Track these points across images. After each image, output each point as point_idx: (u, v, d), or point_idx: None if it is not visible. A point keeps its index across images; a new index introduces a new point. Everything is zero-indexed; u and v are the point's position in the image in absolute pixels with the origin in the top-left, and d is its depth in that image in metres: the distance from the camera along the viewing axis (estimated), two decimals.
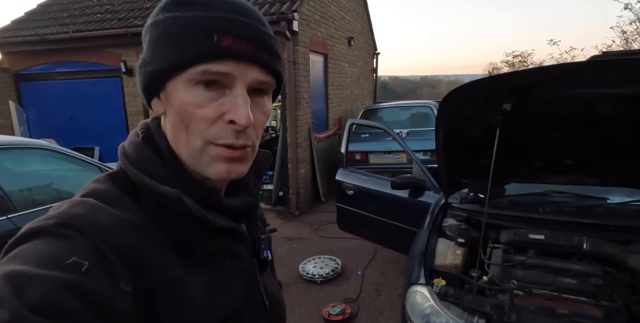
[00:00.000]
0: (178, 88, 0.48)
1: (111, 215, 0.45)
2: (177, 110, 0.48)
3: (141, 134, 0.53)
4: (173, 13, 0.47)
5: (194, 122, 0.48)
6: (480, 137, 2.04)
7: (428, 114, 6.62)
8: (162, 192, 0.48)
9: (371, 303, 3.06)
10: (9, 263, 0.38)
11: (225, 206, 0.54)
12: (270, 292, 0.64)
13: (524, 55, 14.59)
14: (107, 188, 0.49)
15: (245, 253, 0.59)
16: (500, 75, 2.00)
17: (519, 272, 1.81)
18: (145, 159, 0.51)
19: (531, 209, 2.15)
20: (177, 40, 0.47)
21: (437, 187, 2.87)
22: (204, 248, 0.52)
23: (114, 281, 0.41)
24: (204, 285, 0.50)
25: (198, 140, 0.49)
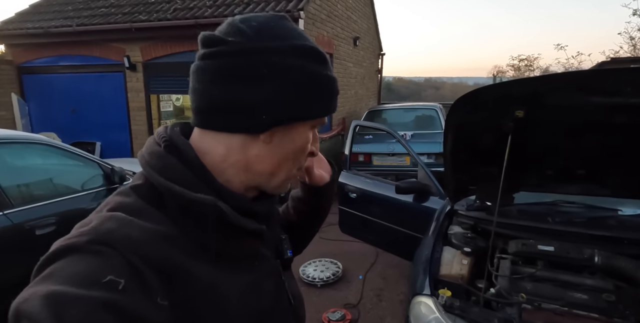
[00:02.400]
0: (305, 130, 0.57)
1: (142, 228, 0.46)
2: (299, 147, 0.57)
3: (162, 143, 0.54)
4: (316, 67, 0.55)
5: (303, 155, 0.59)
6: (491, 143, 1.98)
7: (433, 116, 6.55)
8: (197, 199, 0.49)
9: (372, 309, 3.00)
10: (45, 283, 0.38)
11: (254, 211, 0.57)
12: (293, 291, 0.67)
13: (530, 59, 14.51)
14: (133, 200, 0.50)
15: (270, 255, 0.62)
16: (514, 80, 1.94)
17: (527, 284, 1.75)
18: (171, 167, 0.52)
19: (540, 219, 2.09)
20: (315, 95, 0.55)
21: (442, 193, 2.81)
22: (234, 252, 0.55)
23: (151, 297, 0.42)
24: (236, 288, 0.52)
25: (293, 167, 0.59)
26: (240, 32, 0.52)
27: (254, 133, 0.54)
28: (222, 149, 0.54)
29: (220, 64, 0.52)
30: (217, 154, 0.55)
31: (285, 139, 0.55)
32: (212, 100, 0.53)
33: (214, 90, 0.52)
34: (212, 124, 0.54)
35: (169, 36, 5.65)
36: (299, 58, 0.53)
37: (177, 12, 5.62)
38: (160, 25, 5.52)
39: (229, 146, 0.54)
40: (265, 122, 0.53)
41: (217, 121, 0.54)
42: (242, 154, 0.55)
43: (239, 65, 0.51)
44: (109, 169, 3.13)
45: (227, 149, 0.54)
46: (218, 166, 0.54)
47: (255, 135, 0.54)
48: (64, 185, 2.94)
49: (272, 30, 0.53)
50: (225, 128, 0.54)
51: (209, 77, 0.52)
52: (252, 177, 0.57)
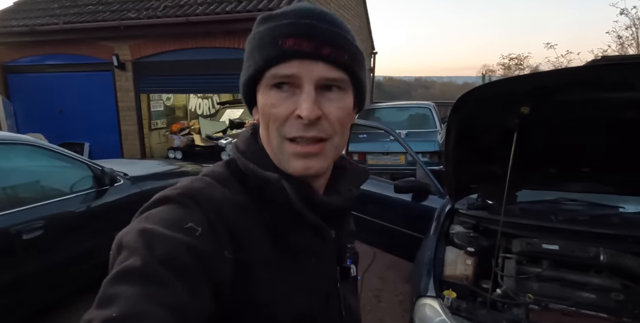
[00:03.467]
0: (261, 93, 0.54)
1: (223, 193, 0.52)
2: (261, 113, 0.55)
3: (250, 130, 0.62)
4: (256, 29, 0.54)
5: (271, 121, 0.53)
6: (494, 140, 1.94)
7: (427, 115, 6.55)
8: (265, 176, 0.53)
9: (371, 310, 2.95)
10: (142, 222, 0.47)
11: (317, 200, 0.56)
12: (349, 303, 0.65)
13: (520, 58, 14.62)
14: (223, 171, 0.57)
15: (330, 258, 0.62)
16: (519, 76, 1.90)
17: (534, 284, 1.72)
18: (250, 149, 0.58)
19: (543, 217, 2.06)
20: (255, 52, 0.53)
21: (441, 192, 2.77)
22: (293, 240, 0.56)
23: (220, 248, 0.47)
24: (288, 276, 0.54)
25: (275, 137, 0.54)
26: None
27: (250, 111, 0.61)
28: None
29: None
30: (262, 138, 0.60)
31: (260, 106, 0.55)
32: None
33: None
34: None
35: (158, 34, 5.54)
36: (253, 29, 0.55)
37: (167, 9, 5.51)
38: (149, 23, 5.41)
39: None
40: (244, 99, 0.59)
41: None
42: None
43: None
44: (98, 170, 3.03)
45: None
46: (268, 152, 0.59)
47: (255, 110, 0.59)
48: (52, 187, 2.83)
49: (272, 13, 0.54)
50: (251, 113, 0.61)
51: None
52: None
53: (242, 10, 5.03)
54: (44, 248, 2.46)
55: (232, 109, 7.97)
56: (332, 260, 0.62)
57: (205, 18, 5.13)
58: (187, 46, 5.57)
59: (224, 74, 5.51)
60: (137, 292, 0.39)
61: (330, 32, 0.51)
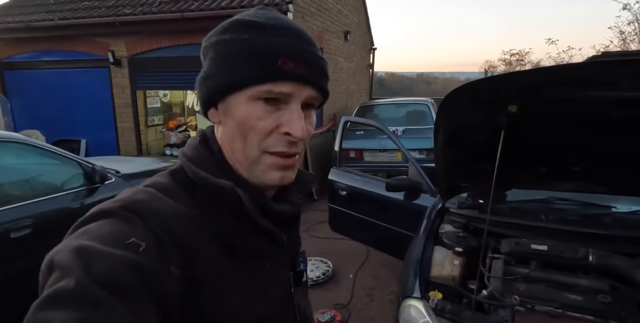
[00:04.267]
0: (240, 102, 0.52)
1: (169, 205, 0.50)
2: (238, 122, 0.53)
3: (198, 138, 0.59)
4: (241, 35, 0.52)
5: (252, 133, 0.53)
6: (483, 139, 1.91)
7: (425, 111, 6.49)
8: (218, 184, 0.52)
9: (363, 309, 2.94)
10: (78, 239, 0.44)
11: (271, 208, 0.56)
12: (302, 308, 0.65)
13: (522, 53, 14.50)
14: (168, 182, 0.55)
15: (284, 263, 0.62)
16: (506, 74, 1.87)
17: (520, 286, 1.69)
18: (201, 157, 0.56)
19: (533, 217, 2.03)
20: (245, 60, 0.51)
21: (433, 190, 2.74)
22: (247, 248, 0.55)
23: (165, 264, 0.45)
24: (243, 284, 0.53)
25: (255, 150, 0.54)
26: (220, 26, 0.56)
27: (205, 114, 0.57)
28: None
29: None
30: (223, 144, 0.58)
31: (227, 116, 0.55)
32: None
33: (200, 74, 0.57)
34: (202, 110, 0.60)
35: (154, 30, 5.50)
36: (218, 33, 0.54)
37: (162, 5, 5.47)
38: (145, 19, 5.37)
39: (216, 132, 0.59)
40: (204, 100, 0.56)
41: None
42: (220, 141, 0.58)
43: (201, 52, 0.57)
44: (89, 168, 3.01)
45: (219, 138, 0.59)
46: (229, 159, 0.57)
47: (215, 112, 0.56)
48: (42, 185, 2.82)
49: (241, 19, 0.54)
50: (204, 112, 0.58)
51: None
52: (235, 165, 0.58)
53: (237, 5, 4.98)
54: (32, 246, 2.44)
55: None
56: (285, 266, 0.62)
57: (201, 14, 5.09)
58: (182, 42, 5.53)
59: None
60: (71, 317, 0.36)
61: (321, 60, 0.55)
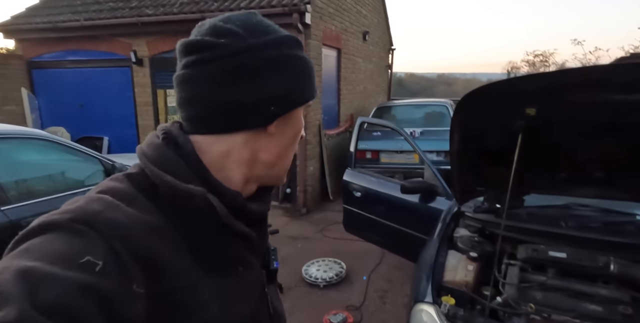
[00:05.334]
0: (300, 114, 0.60)
1: (128, 214, 0.45)
2: (297, 132, 0.59)
3: (161, 136, 0.54)
4: (301, 53, 0.57)
5: (298, 138, 0.61)
6: (500, 142, 1.87)
7: (443, 113, 6.40)
8: (187, 190, 0.48)
9: (375, 312, 2.92)
10: (21, 258, 0.37)
11: (248, 209, 0.55)
12: (275, 306, 0.64)
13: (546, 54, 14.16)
14: (125, 187, 0.49)
15: (256, 263, 0.60)
16: (525, 76, 1.82)
17: (537, 294, 1.65)
18: (166, 158, 0.51)
19: (552, 223, 1.97)
20: (310, 77, 0.58)
21: (449, 193, 2.70)
22: (220, 253, 0.53)
23: (127, 283, 0.40)
24: (217, 292, 0.51)
25: (293, 153, 0.61)
26: (231, 32, 0.52)
27: (261, 127, 0.55)
28: (224, 146, 0.54)
29: (217, 68, 0.51)
30: (218, 153, 0.54)
31: (287, 126, 0.57)
32: (215, 106, 0.52)
33: (216, 95, 0.52)
34: (213, 128, 0.54)
35: (175, 30, 5.59)
36: (288, 48, 0.55)
37: (183, 6, 5.55)
38: (166, 19, 5.46)
39: (231, 144, 0.54)
40: (272, 114, 0.54)
41: (219, 125, 0.54)
42: (246, 149, 0.55)
43: (240, 65, 0.51)
44: (109, 165, 3.09)
45: (229, 147, 0.54)
46: (218, 163, 0.54)
47: (262, 128, 0.55)
48: (64, 181, 2.90)
49: (257, 26, 0.54)
50: (229, 129, 0.54)
51: (207, 83, 0.52)
52: (256, 168, 0.57)
53: (255, 6, 5.02)
54: None
55: None
56: (258, 265, 0.61)
57: (220, 14, 5.14)
58: None
59: None
60: None
61: None
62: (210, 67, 0.51)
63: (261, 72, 0.52)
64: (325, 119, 5.80)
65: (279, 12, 4.79)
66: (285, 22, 4.80)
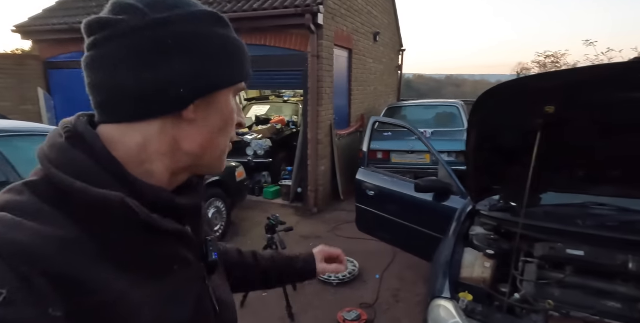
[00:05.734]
0: (229, 98, 0.54)
1: (32, 231, 0.39)
2: (226, 117, 0.54)
3: (65, 135, 0.48)
4: (223, 31, 0.52)
5: (230, 125, 0.55)
6: (518, 141, 1.88)
7: (454, 113, 6.40)
8: (101, 196, 0.43)
9: (389, 310, 2.94)
10: None
11: (176, 205, 0.51)
12: (220, 296, 0.61)
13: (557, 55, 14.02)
14: (26, 199, 0.43)
15: (193, 258, 0.56)
16: (543, 74, 1.83)
17: (555, 291, 1.66)
18: (73, 161, 0.45)
19: (569, 222, 1.98)
20: (236, 58, 0.53)
21: (464, 192, 2.71)
22: (149, 256, 0.49)
23: (41, 308, 0.37)
24: (151, 296, 0.47)
25: (225, 141, 0.56)
26: (132, 8, 0.47)
27: (174, 112, 0.49)
28: (139, 138, 0.49)
29: (117, 47, 0.46)
30: (133, 145, 0.49)
31: (211, 112, 0.52)
32: (119, 91, 0.47)
33: (119, 78, 0.47)
34: (122, 116, 0.49)
35: None
36: (203, 24, 0.50)
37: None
38: None
39: (146, 134, 0.49)
40: (184, 97, 0.48)
41: (128, 111, 0.48)
42: (164, 139, 0.50)
43: (141, 44, 0.46)
44: None
45: (144, 138, 0.49)
46: (135, 157, 0.49)
47: (177, 114, 0.49)
48: None
49: (165, 1, 0.49)
50: (140, 116, 0.48)
51: (109, 66, 0.47)
52: (181, 160, 0.52)
53: (268, 7, 5.07)
54: None
55: (259, 105, 8.06)
56: (195, 259, 0.56)
57: (234, 15, 5.20)
58: None
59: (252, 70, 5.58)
60: None
61: None
62: (110, 48, 0.47)
63: (164, 50, 0.47)
64: (336, 119, 5.83)
65: (292, 13, 4.83)
66: (298, 22, 4.85)
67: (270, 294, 3.16)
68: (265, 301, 3.07)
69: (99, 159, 0.46)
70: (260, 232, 4.44)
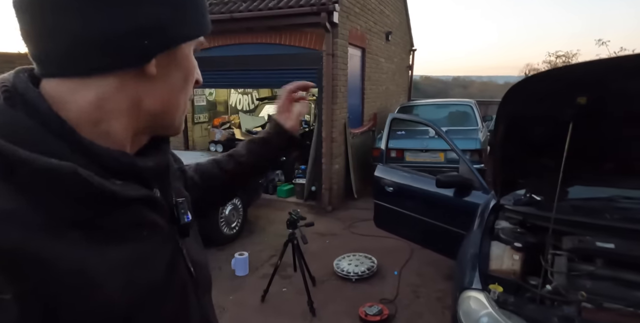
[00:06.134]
0: (189, 53, 0.51)
1: None
2: (188, 73, 0.51)
3: (3, 95, 0.41)
4: None
5: (191, 82, 0.53)
6: (546, 133, 1.88)
7: (468, 112, 6.38)
8: (49, 167, 0.38)
9: (409, 305, 2.94)
10: None
11: (140, 167, 0.48)
12: (194, 257, 0.58)
13: (569, 55, 13.92)
14: None
15: (163, 222, 0.52)
16: (577, 64, 1.83)
17: (586, 282, 1.65)
18: (14, 125, 0.40)
19: (597, 215, 1.97)
20: (202, 10, 0.50)
21: (485, 187, 2.71)
22: (111, 223, 0.44)
23: None
24: (117, 264, 0.43)
25: (186, 99, 0.53)
26: None
27: (135, 67, 0.44)
28: (92, 94, 0.43)
29: None
30: (85, 103, 0.43)
31: (172, 67, 0.48)
32: (70, 40, 0.41)
33: (69, 25, 0.41)
34: (72, 70, 0.43)
35: None
36: None
37: (212, 6, 5.67)
38: None
39: (102, 90, 0.44)
40: (147, 49, 0.44)
41: (79, 65, 0.43)
42: (123, 96, 0.45)
43: None
44: None
45: (99, 94, 0.44)
46: (88, 116, 0.44)
47: (136, 69, 0.45)
48: None
49: None
50: (94, 70, 0.43)
51: (54, 9, 0.40)
52: (141, 119, 0.48)
53: (284, 6, 5.10)
54: None
55: (271, 104, 8.11)
56: (165, 223, 0.53)
57: (249, 14, 5.24)
58: (229, 42, 5.71)
59: (265, 69, 5.62)
60: None
61: None
62: None
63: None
64: (349, 117, 5.84)
65: (308, 11, 4.86)
66: (313, 21, 4.87)
67: (289, 289, 3.18)
68: (285, 296, 3.09)
69: (45, 122, 0.41)
70: (274, 229, 4.48)
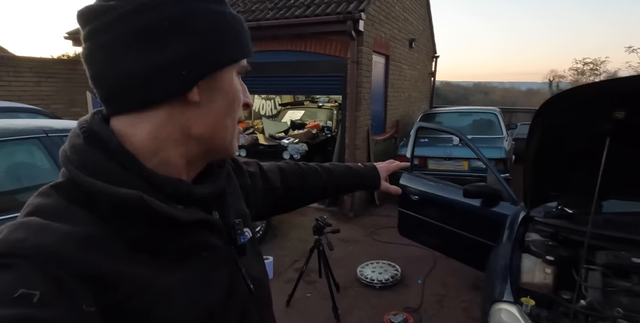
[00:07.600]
0: (232, 76, 0.53)
1: (58, 232, 0.41)
2: (232, 97, 0.53)
3: (82, 135, 0.48)
4: (217, 7, 0.51)
5: (237, 105, 0.54)
6: (582, 146, 1.87)
7: (492, 120, 6.31)
8: (119, 194, 0.44)
9: (434, 314, 2.93)
10: None
11: (197, 194, 0.53)
12: (253, 274, 0.62)
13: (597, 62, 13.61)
14: (54, 201, 0.46)
15: (221, 243, 0.56)
16: (615, 79, 1.82)
17: (623, 299, 1.63)
18: (92, 162, 0.46)
19: (631, 230, 1.94)
20: (238, 35, 0.52)
21: (514, 198, 2.69)
22: (174, 246, 0.50)
23: (74, 305, 0.38)
24: (181, 284, 0.49)
25: (233, 121, 0.54)
26: None
27: (179, 96, 0.48)
28: (148, 126, 0.49)
29: (112, 35, 0.46)
30: (144, 134, 0.49)
31: (215, 93, 0.51)
32: (118, 80, 0.47)
33: (117, 67, 0.46)
34: (128, 106, 0.49)
35: None
36: (195, 2, 0.48)
37: (240, 15, 5.80)
38: None
39: (155, 121, 0.49)
40: (187, 78, 0.48)
41: (133, 100, 0.48)
42: (173, 125, 0.50)
43: (135, 29, 0.45)
44: None
45: (153, 125, 0.49)
46: (148, 147, 0.49)
47: (181, 98, 0.49)
48: None
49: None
50: (145, 104, 0.48)
51: (107, 56, 0.46)
52: (193, 146, 0.52)
53: (310, 14, 5.18)
54: None
55: (294, 110, 8.19)
56: (224, 244, 0.57)
57: (276, 22, 5.35)
58: (256, 49, 5.81)
59: (290, 76, 5.72)
60: None
61: None
62: (105, 36, 0.46)
63: (160, 33, 0.46)
64: (372, 124, 5.86)
65: (334, 20, 4.93)
66: (339, 29, 4.94)
67: (313, 295, 3.21)
68: (309, 302, 3.12)
69: (116, 156, 0.47)
70: (297, 234, 4.53)
